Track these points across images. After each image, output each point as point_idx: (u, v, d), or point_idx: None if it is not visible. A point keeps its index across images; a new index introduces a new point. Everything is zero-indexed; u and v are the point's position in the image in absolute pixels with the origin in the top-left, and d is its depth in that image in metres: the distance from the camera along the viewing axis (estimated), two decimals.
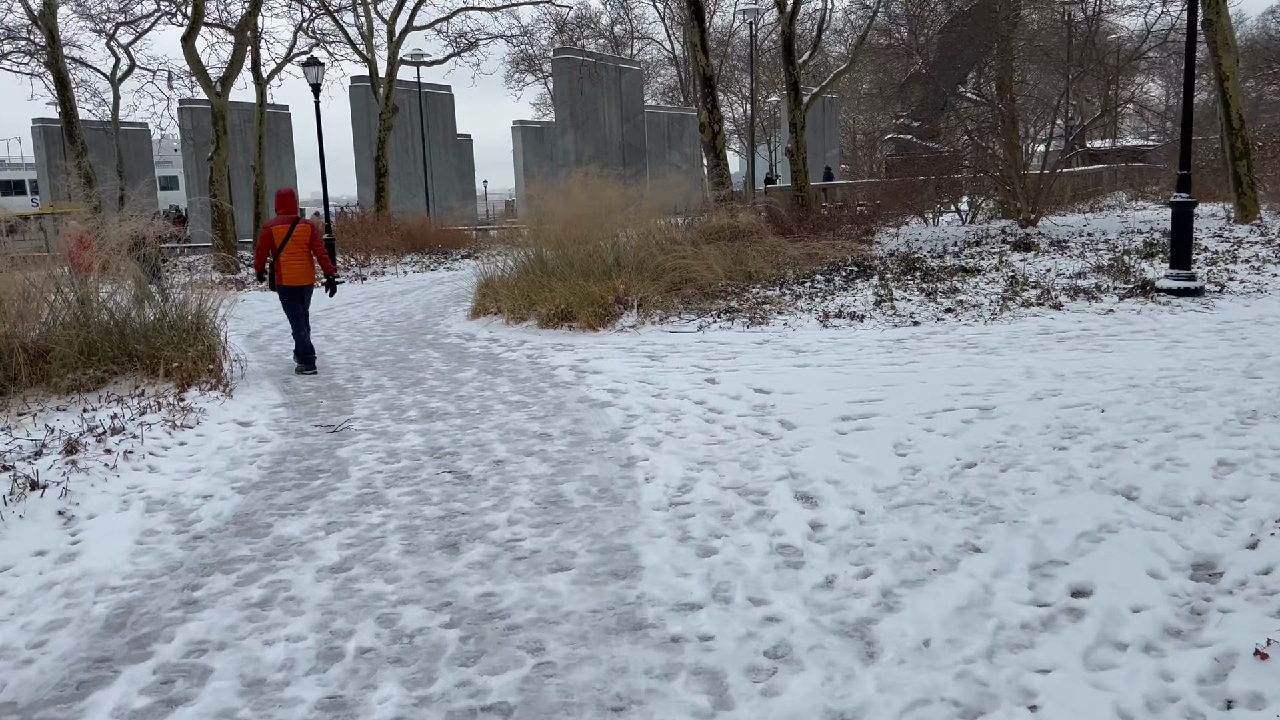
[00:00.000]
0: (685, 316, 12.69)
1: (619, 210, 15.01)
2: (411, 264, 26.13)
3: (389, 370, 10.61)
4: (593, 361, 10.21)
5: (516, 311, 13.82)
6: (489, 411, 8.17)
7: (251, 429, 7.78)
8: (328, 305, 18.22)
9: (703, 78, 21.18)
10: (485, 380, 9.68)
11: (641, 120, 42.06)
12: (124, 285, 10.05)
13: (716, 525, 5.01)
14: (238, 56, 26.33)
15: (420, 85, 38.61)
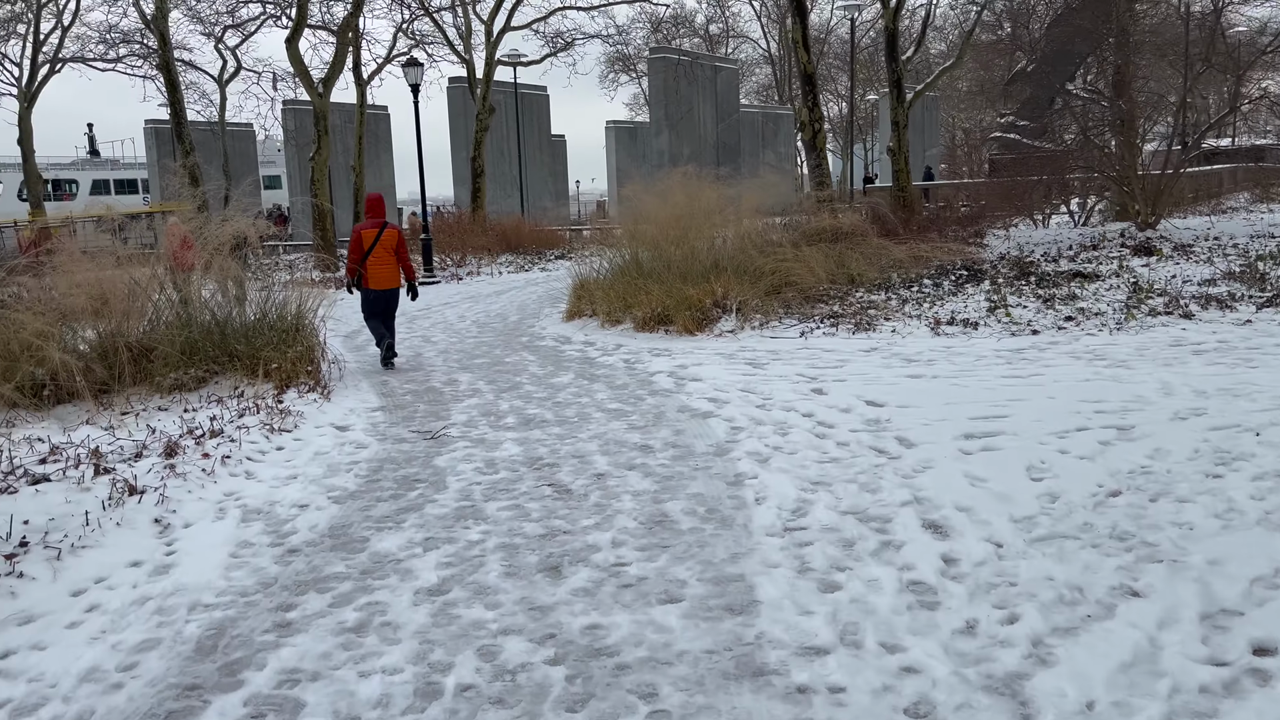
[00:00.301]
0: (786, 321, 12.26)
1: (717, 211, 14.65)
2: (506, 264, 26.17)
3: (485, 374, 10.45)
4: (691, 368, 9.88)
5: (612, 314, 13.56)
6: (587, 420, 7.89)
7: (349, 434, 7.65)
8: (425, 305, 18.28)
9: (803, 75, 20.67)
10: (582, 386, 9.43)
11: (736, 119, 41.57)
12: (225, 284, 10.08)
13: (838, 556, 4.62)
14: (339, 57, 26.72)
15: (516, 86, 38.80)
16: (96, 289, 9.24)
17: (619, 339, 12.47)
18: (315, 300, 10.42)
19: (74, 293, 9.20)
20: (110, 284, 9.24)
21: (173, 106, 28.08)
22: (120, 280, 9.34)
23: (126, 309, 9.64)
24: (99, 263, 9.44)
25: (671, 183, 14.84)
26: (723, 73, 40.82)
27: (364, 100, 34.61)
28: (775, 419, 7.44)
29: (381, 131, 46.75)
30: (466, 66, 33.13)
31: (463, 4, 32.53)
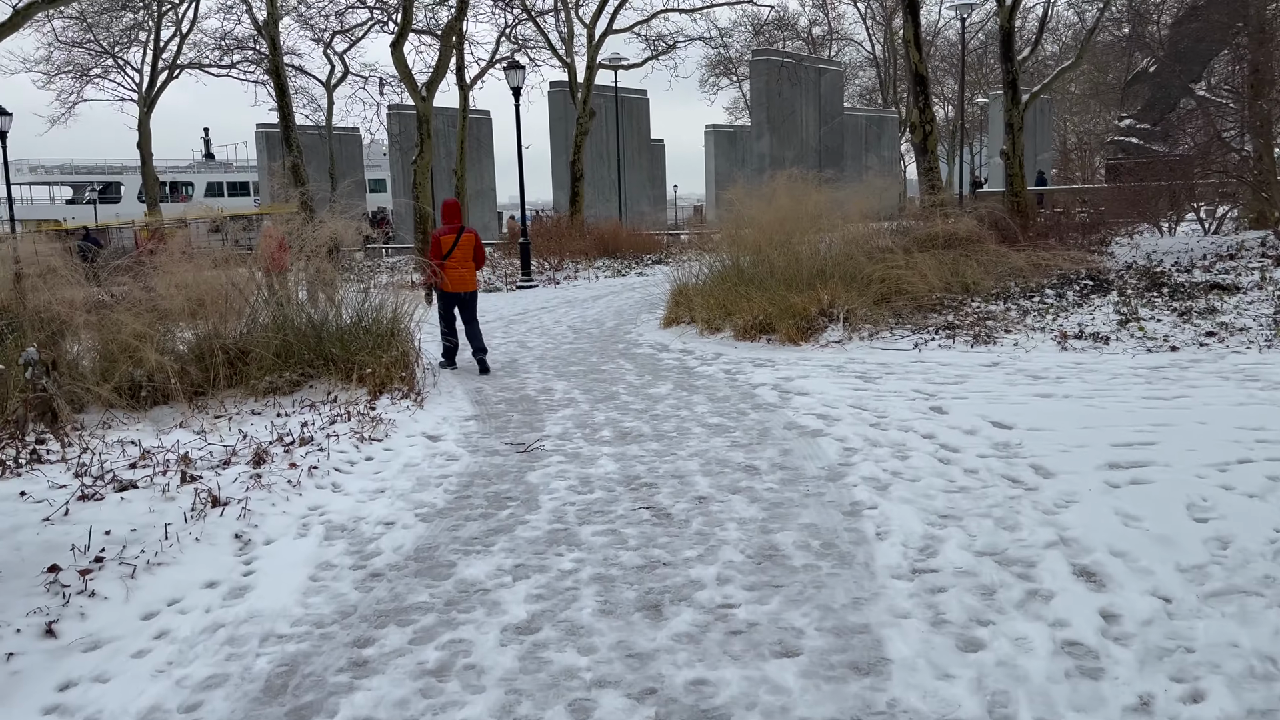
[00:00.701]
0: (897, 332, 11.61)
1: (823, 215, 14.05)
2: (603, 269, 25.91)
3: (581, 382, 10.08)
4: (797, 381, 9.34)
5: (711, 321, 13.09)
6: (687, 435, 7.44)
7: (440, 445, 7.34)
8: (522, 310, 18.09)
9: (914, 75, 19.88)
10: (681, 398, 8.97)
11: (840, 122, 40.67)
12: (319, 287, 9.93)
13: (977, 606, 4.06)
14: (443, 61, 26.83)
15: (617, 90, 38.62)
16: (194, 290, 9.16)
17: (718, 347, 11.99)
18: (411, 304, 10.20)
19: (172, 294, 9.14)
20: (207, 285, 9.14)
21: (281, 111, 28.61)
22: (217, 281, 9.24)
23: (223, 311, 9.56)
24: (197, 264, 9.37)
25: (775, 186, 14.29)
26: (826, 75, 39.97)
27: (466, 104, 34.83)
28: (892, 440, 6.87)
29: (483, 135, 47.17)
30: (568, 70, 33.05)
31: (565, 8, 32.48)
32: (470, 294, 11.09)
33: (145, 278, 9.36)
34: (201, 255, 9.48)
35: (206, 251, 9.57)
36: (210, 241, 29.78)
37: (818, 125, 38.63)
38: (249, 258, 10.07)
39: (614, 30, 32.04)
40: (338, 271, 10.35)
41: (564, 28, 32.49)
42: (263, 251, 10.45)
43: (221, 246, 9.94)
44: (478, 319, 11.23)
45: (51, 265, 8.95)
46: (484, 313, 17.90)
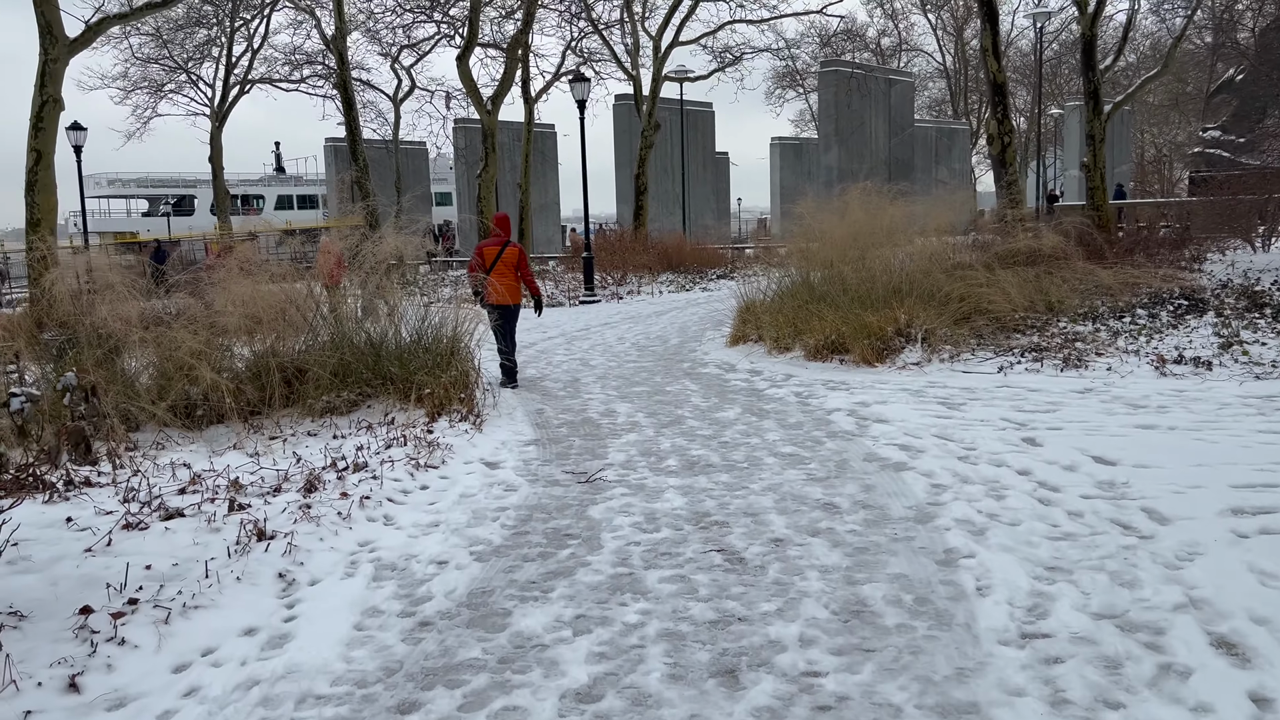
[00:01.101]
0: (980, 353, 11.01)
1: (900, 229, 13.49)
2: (667, 283, 25.53)
3: (645, 404, 9.67)
4: (874, 406, 8.82)
5: (780, 340, 12.60)
6: (758, 466, 6.97)
7: (498, 473, 6.98)
8: (584, 326, 17.76)
9: (993, 85, 19.19)
10: (750, 423, 8.51)
11: (910, 134, 39.84)
12: (376, 304, 9.67)
13: (1103, 683, 3.55)
14: (508, 74, 26.77)
15: (682, 102, 38.29)
16: (251, 306, 8.95)
17: (788, 368, 11.50)
18: (472, 322, 9.90)
19: (229, 310, 8.94)
20: (264, 301, 8.93)
21: (348, 124, 28.77)
22: (274, 298, 9.02)
23: (281, 329, 9.35)
24: (255, 279, 9.16)
25: (848, 199, 13.77)
26: (897, 85, 39.21)
27: (531, 118, 34.78)
28: (984, 476, 6.33)
29: (548, 149, 47.19)
30: (633, 83, 32.82)
31: (631, 20, 32.27)
32: (513, 307, 11.00)
33: (203, 293, 9.17)
34: (260, 270, 9.27)
35: (264, 266, 9.35)
36: (275, 255, 30.07)
37: (888, 137, 37.87)
38: (307, 273, 9.84)
39: (680, 42, 31.74)
40: (398, 287, 10.07)
41: (630, 40, 32.28)
42: (319, 266, 10.24)
43: (280, 262, 9.70)
44: (514, 334, 11.11)
45: (109, 281, 8.79)
46: (546, 327, 17.65)
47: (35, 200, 16.85)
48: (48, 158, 16.89)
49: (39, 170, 16.83)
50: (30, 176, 16.84)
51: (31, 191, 16.88)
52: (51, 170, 17.01)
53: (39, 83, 16.66)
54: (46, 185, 16.97)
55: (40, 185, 16.91)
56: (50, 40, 16.56)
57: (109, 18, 16.97)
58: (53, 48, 16.58)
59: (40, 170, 16.85)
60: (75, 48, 16.83)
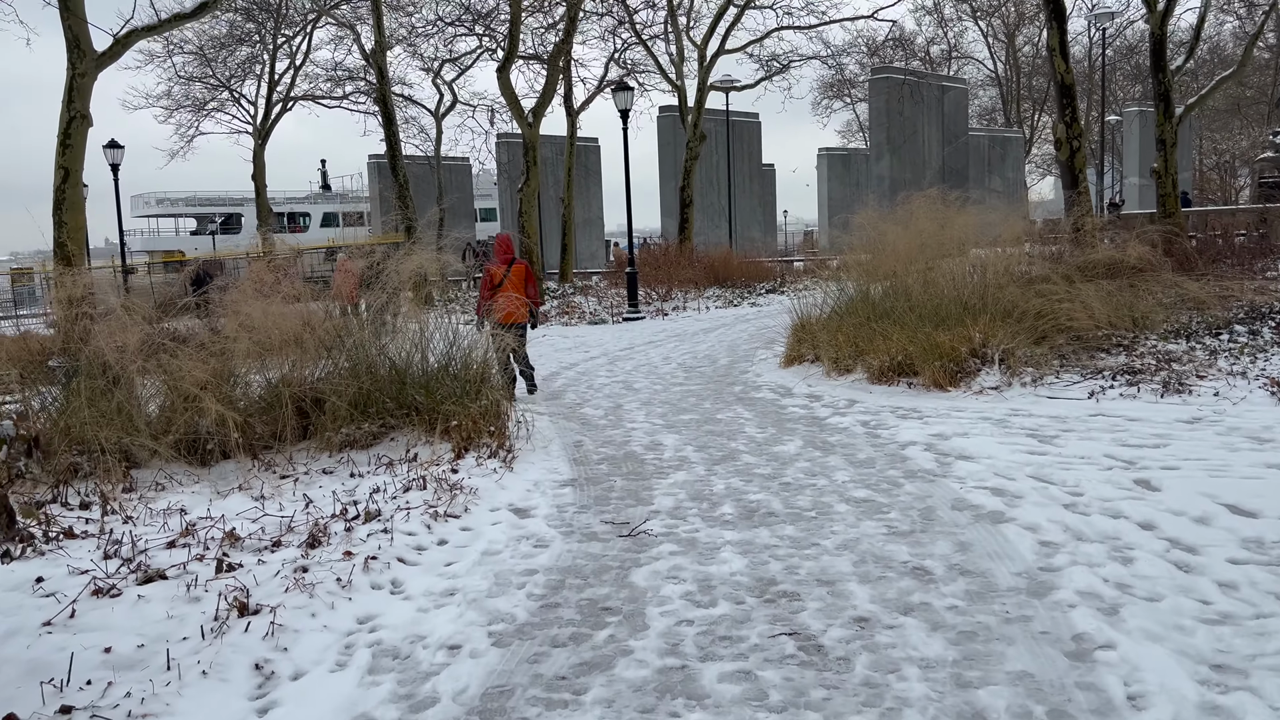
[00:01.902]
0: (1064, 376, 9.94)
1: (971, 241, 12.46)
2: (713, 298, 24.60)
3: (694, 435, 8.75)
4: (954, 439, 7.82)
5: (840, 361, 11.61)
6: (828, 515, 6.02)
7: (528, 523, 6.09)
8: (628, 344, 16.90)
9: (1060, 86, 18.06)
10: (814, 459, 7.55)
11: (965, 142, 38.58)
12: (404, 327, 8.87)
13: None
14: (549, 86, 26.09)
15: (728, 113, 37.40)
16: (262, 330, 8.18)
17: (851, 393, 10.53)
18: (506, 346, 9.06)
19: (240, 335, 8.17)
20: (277, 324, 8.15)
21: (388, 140, 28.23)
22: (289, 320, 8.23)
23: (297, 355, 8.56)
24: (268, 300, 8.39)
25: (913, 207, 12.76)
26: (950, 92, 38.00)
27: (574, 131, 34.11)
28: (1100, 531, 5.32)
29: (591, 163, 46.54)
30: (678, 94, 32.00)
31: (675, 30, 31.48)
32: (522, 325, 11.11)
33: (215, 316, 8.42)
34: (273, 290, 8.49)
35: (277, 287, 8.58)
36: (317, 274, 29.57)
37: (941, 145, 36.66)
38: (325, 293, 9.07)
39: (726, 50, 30.89)
40: (420, 308, 9.26)
41: (674, 49, 31.47)
42: (337, 286, 9.47)
43: (295, 281, 8.92)
44: (525, 347, 11.28)
45: (111, 304, 8.08)
46: (588, 346, 16.82)
47: (64, 219, 16.37)
48: (75, 175, 16.40)
49: (67, 188, 16.34)
50: (58, 195, 16.36)
51: (59, 210, 16.40)
52: (80, 188, 16.53)
53: (66, 98, 16.18)
54: (75, 203, 16.47)
55: (69, 203, 16.42)
56: (78, 55, 16.09)
57: (137, 31, 16.47)
58: (80, 62, 16.10)
59: (68, 188, 16.36)
60: (103, 62, 16.34)
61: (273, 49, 37.63)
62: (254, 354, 8.00)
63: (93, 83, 16.41)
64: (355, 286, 9.75)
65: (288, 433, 7.88)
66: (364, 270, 9.90)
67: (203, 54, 36.85)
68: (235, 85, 38.50)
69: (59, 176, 16.32)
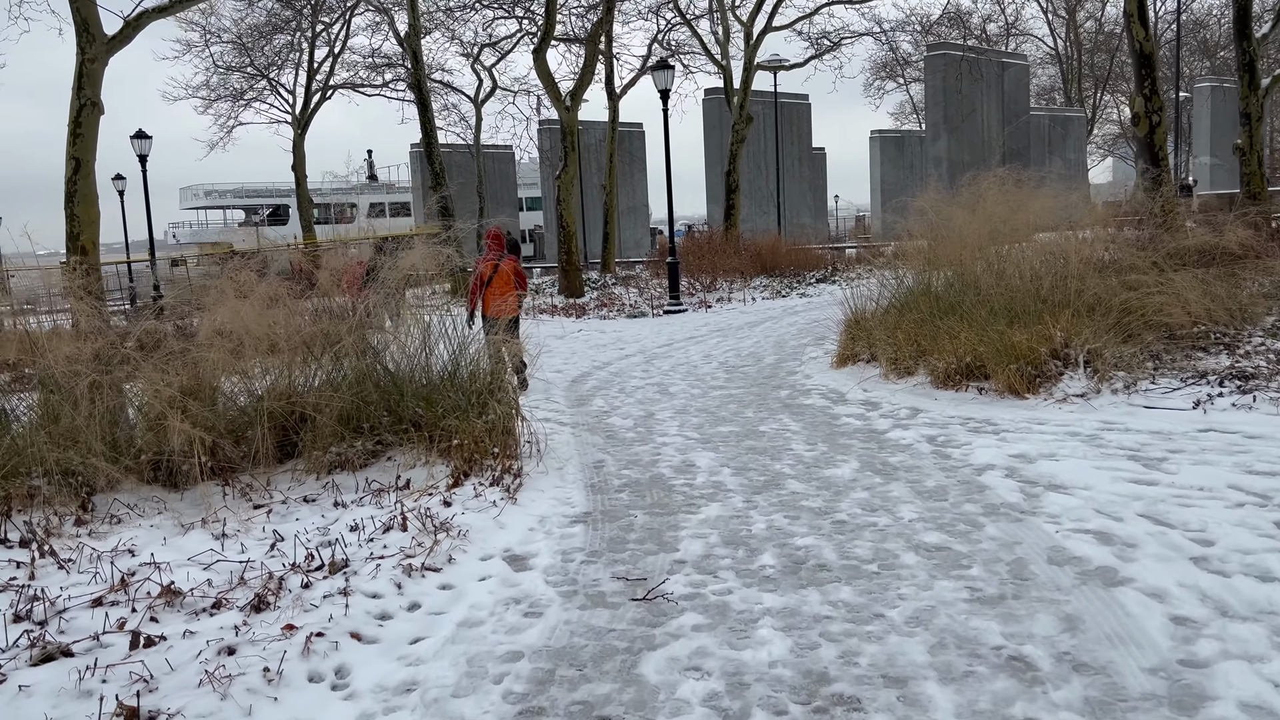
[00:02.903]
0: (1161, 381, 8.63)
1: (1045, 226, 11.14)
2: (760, 288, 23.37)
3: (732, 453, 7.62)
4: (1040, 463, 6.60)
5: (899, 362, 10.40)
6: (894, 570, 4.86)
7: (524, 578, 5.00)
8: (667, 340, 15.78)
9: (1139, 55, 16.53)
10: (873, 488, 6.38)
11: (1025, 121, 36.78)
12: (400, 331, 7.83)
13: None
14: (588, 68, 24.96)
15: (776, 94, 36.01)
16: (237, 338, 7.18)
17: (913, 399, 9.32)
18: (516, 348, 7.99)
19: (213, 341, 7.19)
20: (253, 330, 7.14)
21: (423, 126, 27.31)
22: (266, 325, 7.22)
23: (284, 365, 7.56)
24: (251, 300, 7.38)
25: (981, 188, 11.45)
26: (1010, 69, 36.22)
27: (616, 116, 32.96)
28: (1249, 600, 4.11)
29: (636, 149, 45.44)
30: (723, 74, 30.70)
31: (720, 7, 30.15)
32: (510, 320, 10.96)
33: (187, 319, 7.44)
34: (258, 289, 7.47)
35: (260, 287, 7.55)
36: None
37: (1000, 125, 34.95)
38: (316, 291, 8.04)
39: (773, 28, 29.50)
40: (411, 309, 8.22)
41: (719, 28, 30.16)
42: (345, 281, 8.44)
43: (271, 279, 7.90)
44: (518, 341, 10.78)
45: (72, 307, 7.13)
46: (624, 343, 15.73)
47: (75, 212, 15.55)
48: (87, 166, 15.58)
49: (78, 179, 15.51)
50: (69, 187, 15.54)
51: (71, 203, 15.57)
52: (92, 179, 15.70)
53: (76, 85, 15.37)
54: (87, 196, 15.65)
55: (80, 196, 15.60)
56: (87, 39, 15.26)
57: (148, 12, 15.60)
58: (90, 47, 15.28)
59: (80, 179, 15.53)
60: (114, 46, 15.50)
61: (311, 36, 36.96)
62: (229, 364, 7.00)
63: (103, 68, 15.58)
64: (357, 284, 8.74)
65: (265, 454, 6.88)
66: (363, 265, 8.87)
67: (241, 43, 36.29)
68: (273, 74, 37.90)
69: (70, 168, 15.52)
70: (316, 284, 7.86)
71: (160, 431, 6.78)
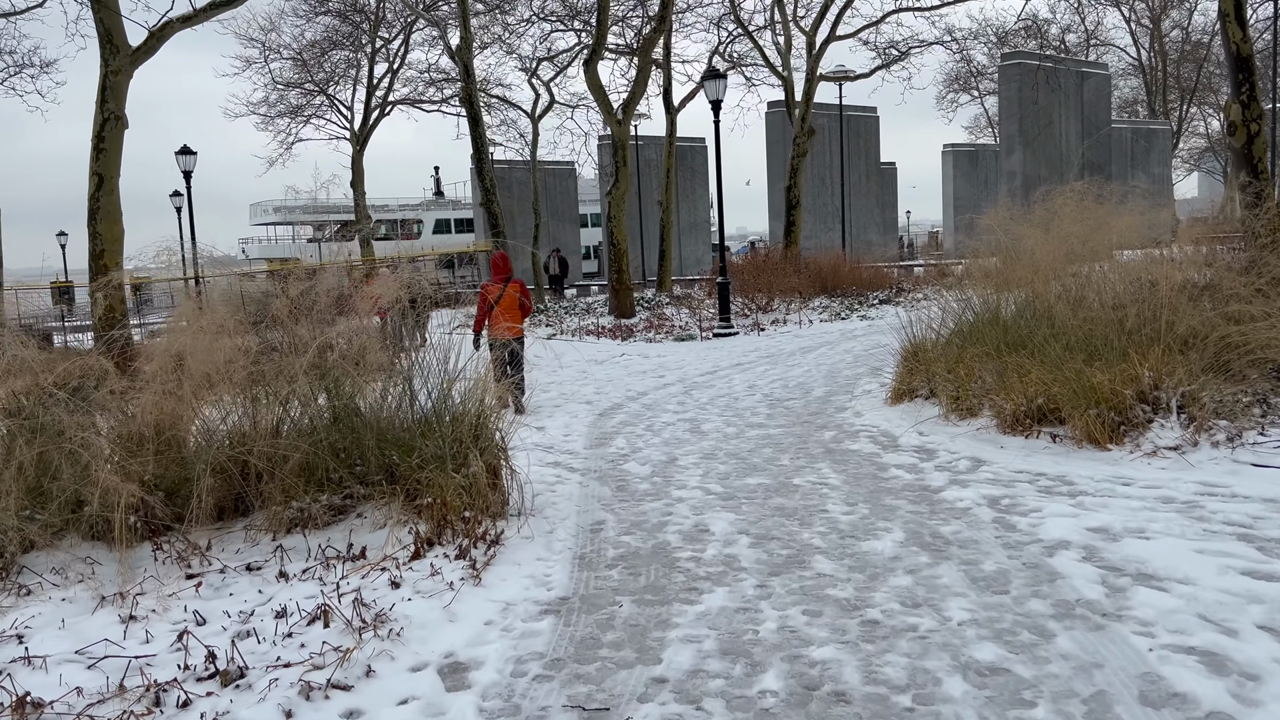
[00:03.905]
0: (1273, 432, 7.28)
1: (1130, 245, 9.81)
2: (819, 309, 22.11)
3: (756, 515, 6.49)
4: (1126, 540, 5.37)
5: (961, 401, 9.17)
6: (933, 705, 3.70)
7: (455, 701, 3.93)
8: (711, 367, 14.67)
9: (1235, 59, 14.98)
10: (919, 571, 5.20)
11: (1106, 134, 34.90)
12: (371, 368, 6.84)
13: None
14: (640, 80, 24.01)
15: (841, 106, 34.70)
16: (185, 373, 6.27)
17: (975, 446, 8.09)
18: (518, 376, 6.96)
19: (157, 379, 6.28)
20: (201, 367, 6.23)
21: (474, 140, 26.64)
22: (214, 360, 6.30)
23: (246, 407, 6.64)
24: (205, 331, 6.47)
25: (1057, 204, 10.17)
26: (1090, 79, 34.40)
27: (673, 130, 32.03)
28: None
29: (697, 164, 44.48)
30: (785, 86, 29.54)
31: (783, 17, 29.01)
32: (518, 340, 11.34)
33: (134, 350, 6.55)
34: (203, 319, 6.56)
35: (215, 316, 6.63)
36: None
37: (1079, 138, 33.14)
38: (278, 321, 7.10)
39: (837, 37, 28.25)
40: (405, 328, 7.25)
41: (780, 38, 29.02)
42: (365, 303, 7.49)
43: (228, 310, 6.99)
44: (521, 363, 11.22)
45: None
46: (665, 370, 14.65)
47: (98, 230, 15.09)
48: (110, 182, 15.10)
49: (100, 196, 15.05)
50: (91, 204, 15.09)
51: (94, 220, 15.13)
52: (115, 196, 15.22)
53: (100, 99, 14.90)
54: (110, 213, 15.18)
55: (103, 213, 15.14)
56: (111, 50, 14.79)
57: (173, 22, 15.10)
58: (114, 58, 14.80)
59: (103, 196, 15.07)
60: (139, 58, 15.01)
61: (371, 53, 36.75)
62: (165, 406, 6.08)
63: (128, 81, 15.09)
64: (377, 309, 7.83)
65: (201, 514, 5.95)
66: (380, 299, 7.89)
67: (300, 58, 36.21)
68: (332, 90, 37.76)
69: (93, 183, 15.05)
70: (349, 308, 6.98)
71: (83, 483, 5.90)
